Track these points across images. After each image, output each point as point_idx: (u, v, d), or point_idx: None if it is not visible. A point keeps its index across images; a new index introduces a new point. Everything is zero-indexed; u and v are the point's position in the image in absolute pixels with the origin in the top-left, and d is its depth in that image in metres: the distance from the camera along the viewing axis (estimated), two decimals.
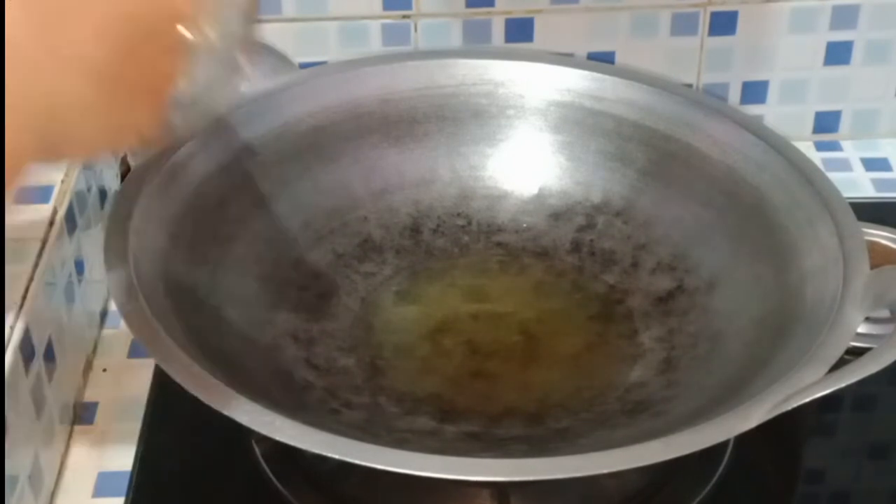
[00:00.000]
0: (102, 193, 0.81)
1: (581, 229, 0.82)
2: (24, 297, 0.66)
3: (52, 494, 0.69)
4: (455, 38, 0.91)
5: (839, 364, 0.62)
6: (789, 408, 0.60)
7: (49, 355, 0.68)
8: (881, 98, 0.96)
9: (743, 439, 0.63)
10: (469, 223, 0.83)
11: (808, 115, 0.96)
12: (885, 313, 0.69)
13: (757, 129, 0.80)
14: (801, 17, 0.91)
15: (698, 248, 0.78)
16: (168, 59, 0.46)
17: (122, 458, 0.71)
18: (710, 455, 0.70)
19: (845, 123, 0.97)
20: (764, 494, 0.72)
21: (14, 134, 0.40)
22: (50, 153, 0.43)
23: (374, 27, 0.90)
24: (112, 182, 0.84)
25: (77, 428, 0.73)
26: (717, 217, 0.78)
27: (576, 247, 0.81)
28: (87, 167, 0.77)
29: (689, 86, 0.92)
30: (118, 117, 0.45)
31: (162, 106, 0.48)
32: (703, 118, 0.81)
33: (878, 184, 0.94)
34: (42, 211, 0.71)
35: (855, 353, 0.63)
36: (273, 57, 0.74)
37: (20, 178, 0.41)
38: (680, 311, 0.76)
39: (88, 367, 0.77)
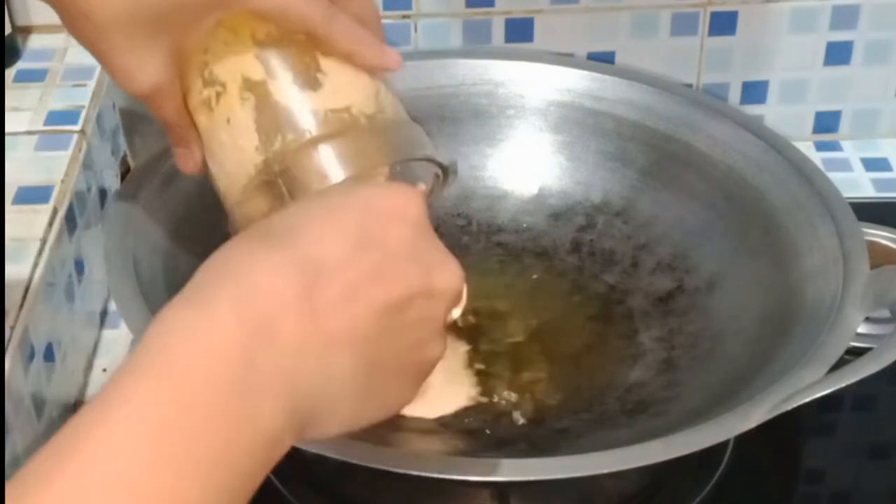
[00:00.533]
0: (102, 193, 0.81)
1: (581, 229, 0.82)
2: (24, 297, 0.65)
3: None
4: (455, 38, 0.91)
5: (839, 364, 0.62)
6: (789, 408, 0.60)
7: (49, 355, 0.68)
8: (881, 98, 0.96)
9: (743, 439, 0.63)
10: (469, 223, 0.83)
11: (808, 115, 0.96)
12: (885, 313, 0.69)
13: (757, 129, 0.80)
14: (801, 17, 0.91)
15: (698, 248, 0.78)
16: (424, 327, 0.47)
17: None
18: (710, 455, 0.70)
19: (845, 123, 0.97)
20: (764, 494, 0.72)
21: (271, 414, 0.40)
22: (301, 432, 0.42)
23: None
24: (112, 182, 0.83)
25: None
26: (717, 217, 0.78)
27: (576, 247, 0.81)
28: (87, 167, 0.77)
29: (689, 86, 0.92)
30: (376, 394, 0.46)
31: (421, 379, 0.48)
32: (703, 118, 0.81)
33: (878, 184, 0.93)
34: (42, 211, 0.71)
35: (855, 353, 0.63)
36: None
37: (277, 458, 0.41)
38: (680, 311, 0.76)
39: (88, 367, 0.77)
